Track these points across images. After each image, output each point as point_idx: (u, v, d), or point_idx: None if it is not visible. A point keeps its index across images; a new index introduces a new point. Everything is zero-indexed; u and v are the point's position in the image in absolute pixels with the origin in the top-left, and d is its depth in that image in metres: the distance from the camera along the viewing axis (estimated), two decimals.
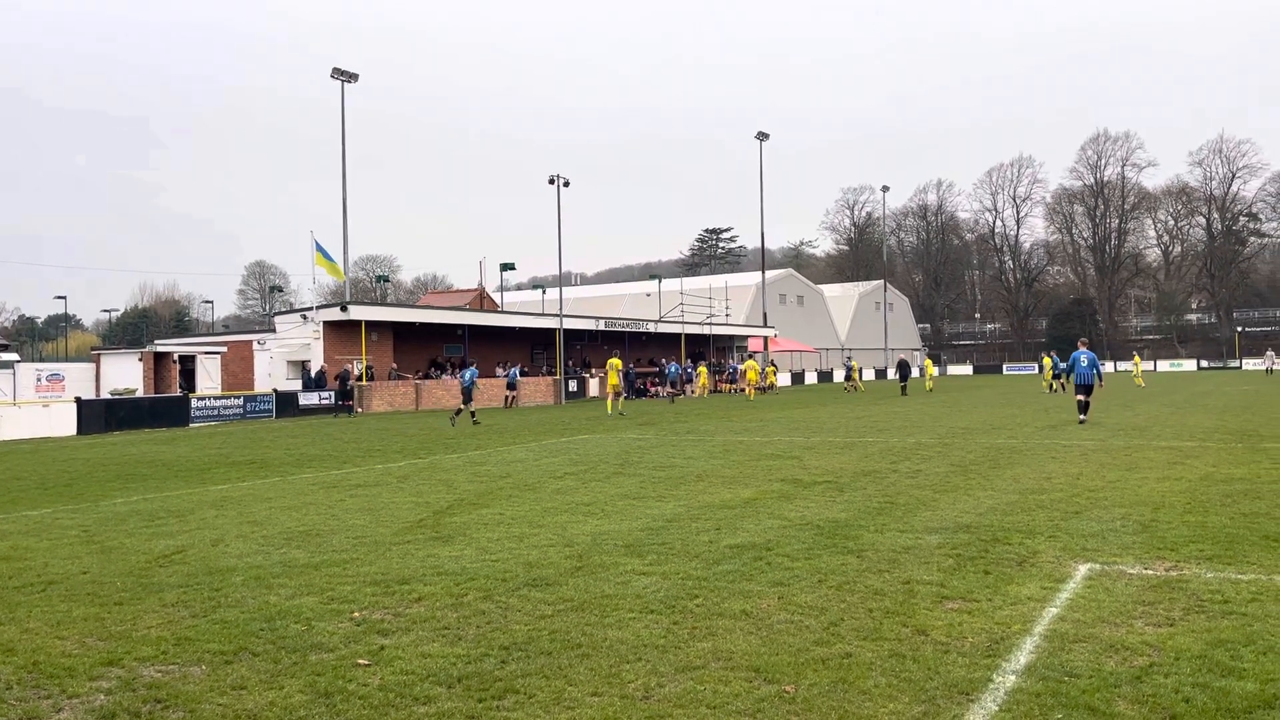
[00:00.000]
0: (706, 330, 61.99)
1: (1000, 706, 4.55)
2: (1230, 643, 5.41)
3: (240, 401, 35.41)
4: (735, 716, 4.52)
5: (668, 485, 13.04)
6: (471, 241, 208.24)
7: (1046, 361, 48.38)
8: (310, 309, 42.36)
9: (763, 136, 66.94)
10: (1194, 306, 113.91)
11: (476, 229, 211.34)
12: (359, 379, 39.96)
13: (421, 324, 45.68)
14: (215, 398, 35.17)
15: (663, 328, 58.16)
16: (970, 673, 5.03)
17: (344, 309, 40.85)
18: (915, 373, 55.35)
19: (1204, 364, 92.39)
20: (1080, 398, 23.24)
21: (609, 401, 35.23)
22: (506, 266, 60.98)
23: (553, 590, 7.04)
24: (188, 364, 41.49)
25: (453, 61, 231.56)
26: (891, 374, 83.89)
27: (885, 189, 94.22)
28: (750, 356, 55.58)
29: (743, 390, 50.58)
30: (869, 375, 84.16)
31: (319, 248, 40.88)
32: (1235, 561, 7.47)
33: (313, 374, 40.01)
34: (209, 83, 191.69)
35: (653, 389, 53.42)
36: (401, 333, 44.88)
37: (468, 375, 30.48)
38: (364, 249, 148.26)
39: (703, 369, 52.73)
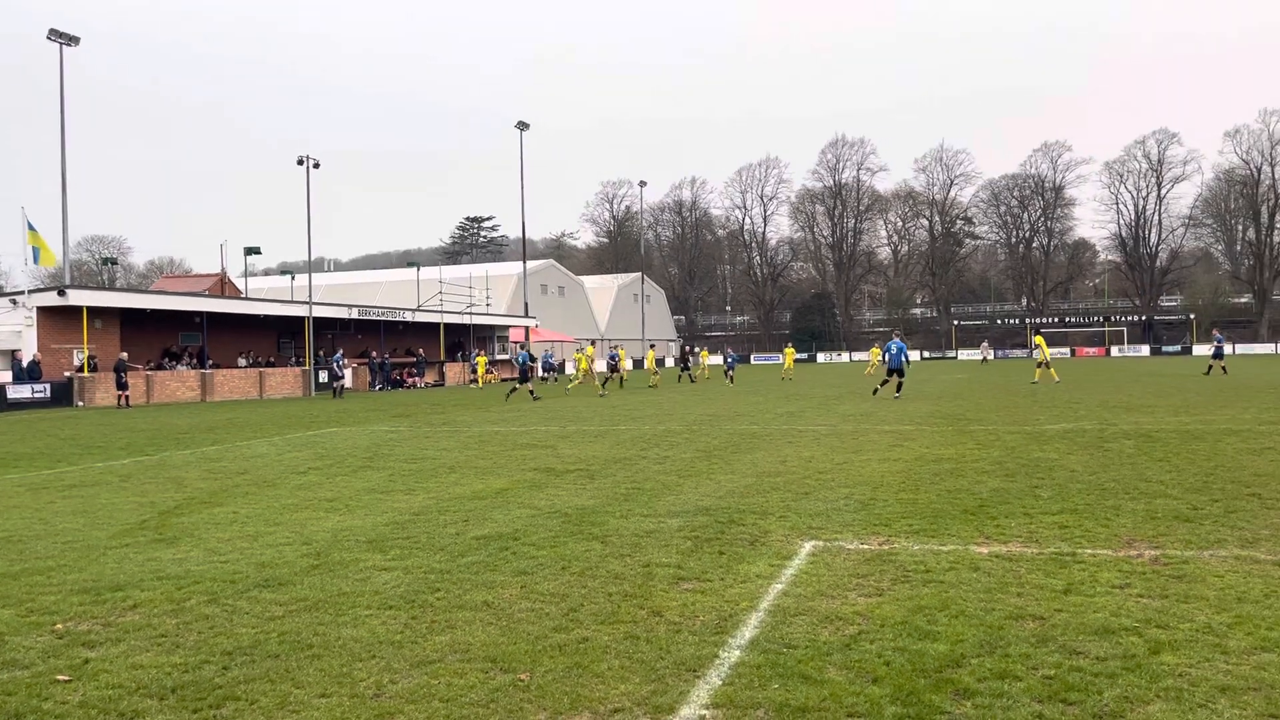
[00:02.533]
0: (467, 320, 61.25)
1: (724, 680, 4.77)
2: (928, 609, 5.93)
3: None
4: (468, 708, 4.49)
5: (418, 478, 12.79)
6: (213, 224, 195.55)
7: (789, 351, 51.55)
8: (22, 293, 38.30)
9: (523, 126, 66.80)
10: (918, 301, 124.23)
11: (219, 211, 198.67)
12: (82, 370, 36.58)
13: (153, 310, 42.37)
14: None
15: (421, 317, 56.94)
16: (699, 650, 5.25)
17: (61, 293, 37.21)
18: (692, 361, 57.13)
19: (926, 354, 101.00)
20: (886, 378, 28.30)
21: (596, 384, 38.80)
22: (251, 251, 57.81)
23: (285, 590, 6.73)
24: None
25: (195, 30, 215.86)
26: (647, 365, 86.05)
27: (643, 184, 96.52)
28: (618, 346, 55.05)
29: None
30: (627, 365, 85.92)
31: (31, 226, 37.02)
32: (938, 534, 8.21)
33: (24, 364, 36.21)
34: None
35: (409, 380, 52.21)
36: (131, 320, 41.45)
37: (523, 356, 35.16)
38: (89, 228, 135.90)
39: (482, 359, 52.15)
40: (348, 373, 49.16)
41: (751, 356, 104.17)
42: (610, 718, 4.38)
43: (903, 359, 27.37)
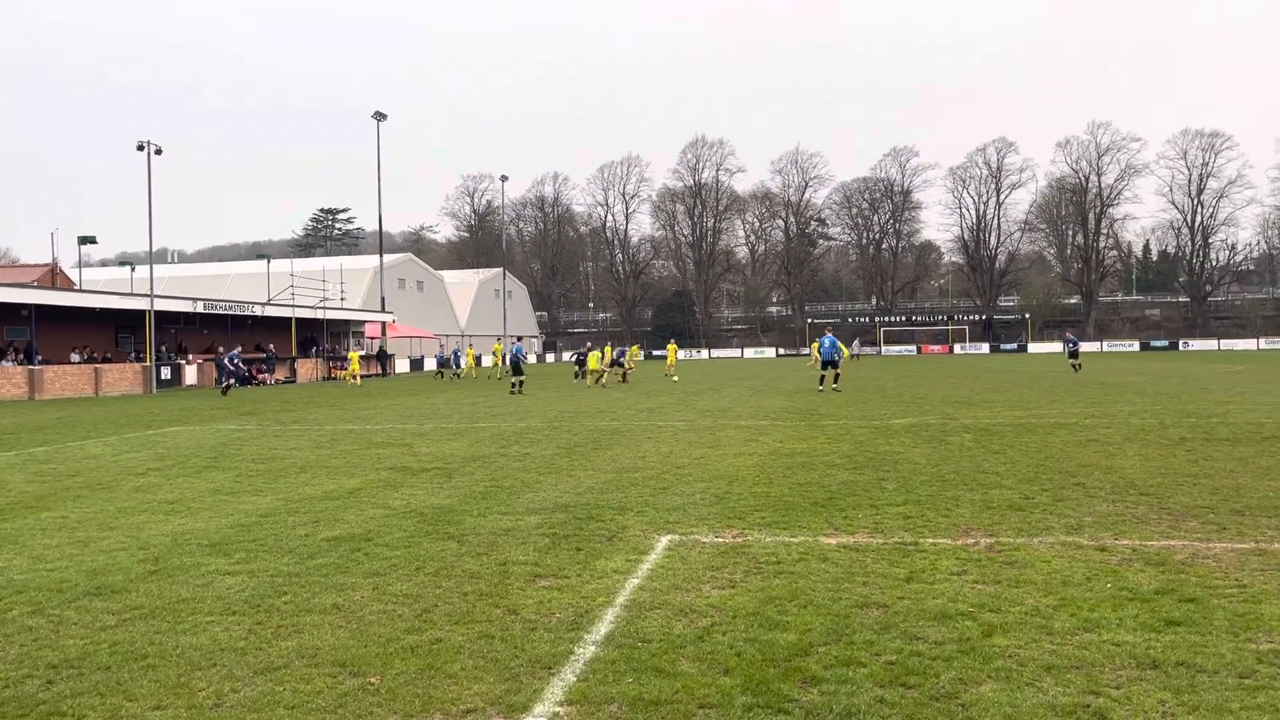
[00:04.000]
0: (320, 314, 59.41)
1: (578, 677, 4.78)
2: (779, 599, 6.09)
3: None
4: (315, 714, 4.36)
5: (266, 478, 12.32)
6: (46, 212, 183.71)
7: (671, 348, 51.61)
8: None
9: (380, 116, 65.20)
10: (774, 300, 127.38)
11: (53, 197, 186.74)
12: None
13: None
14: None
15: (271, 311, 54.88)
16: (554, 647, 5.24)
17: None
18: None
19: (781, 351, 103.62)
20: (822, 372, 29.56)
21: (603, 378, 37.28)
22: (86, 240, 54.66)
23: (119, 598, 6.38)
24: None
25: (31, 6, 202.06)
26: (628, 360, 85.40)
27: (504, 178, 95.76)
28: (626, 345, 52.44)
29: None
30: (488, 361, 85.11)
31: None
32: (789, 526, 8.44)
33: None
34: None
35: (259, 376, 50.32)
36: None
37: (517, 349, 34.73)
38: None
39: (355, 355, 50.25)
40: (192, 369, 47.04)
41: None
42: (463, 718, 4.33)
43: (834, 352, 29.27)
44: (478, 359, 59.79)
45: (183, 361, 48.02)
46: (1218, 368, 42.57)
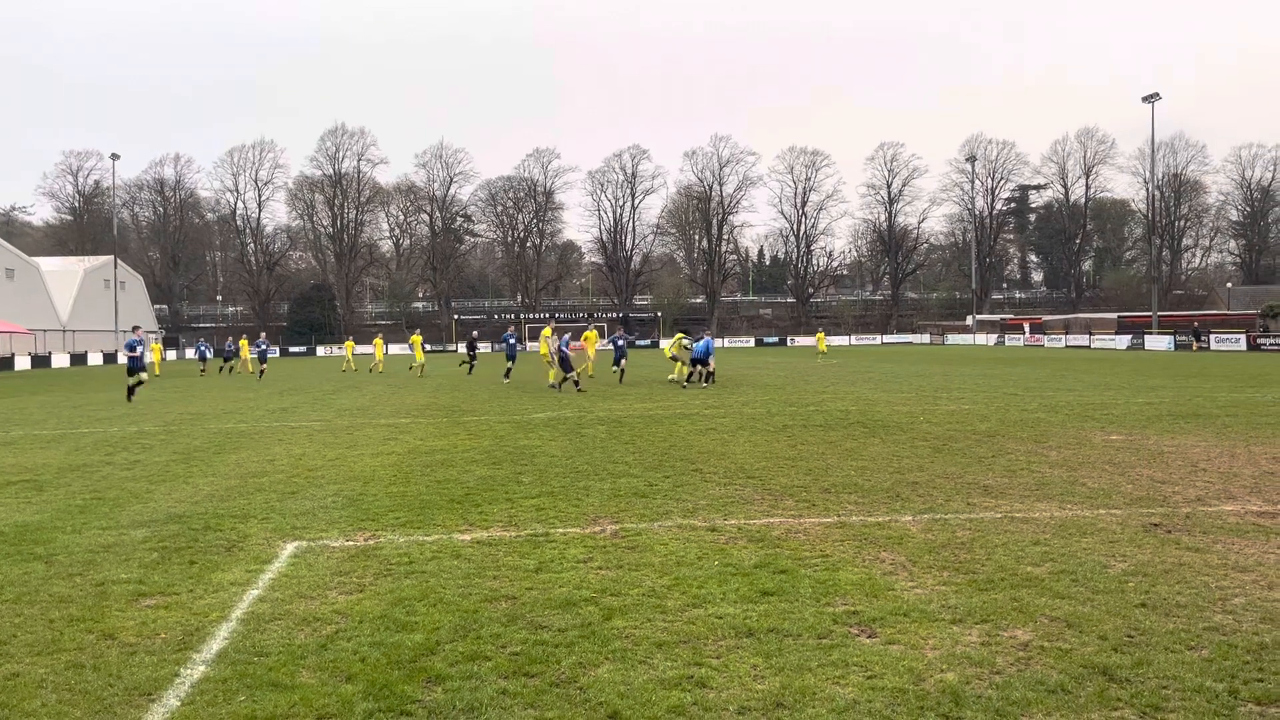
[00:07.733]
0: None
1: (183, 701, 4.44)
2: (408, 600, 6.02)
3: None
4: None
5: None
6: None
7: (350, 349, 48.56)
8: None
9: None
10: (420, 295, 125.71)
11: None
12: None
13: None
14: None
15: None
16: (157, 671, 4.83)
17: None
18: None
19: (428, 347, 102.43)
20: (692, 369, 29.82)
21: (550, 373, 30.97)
22: None
23: None
24: None
25: None
26: (122, 358, 77.31)
27: (115, 157, 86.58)
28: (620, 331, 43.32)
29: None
30: (96, 359, 76.55)
31: None
32: (424, 525, 8.37)
33: None
34: None
35: None
36: None
37: (507, 336, 34.01)
38: None
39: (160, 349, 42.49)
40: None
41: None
42: None
43: (706, 352, 29.56)
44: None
45: None
46: (817, 362, 47.77)
